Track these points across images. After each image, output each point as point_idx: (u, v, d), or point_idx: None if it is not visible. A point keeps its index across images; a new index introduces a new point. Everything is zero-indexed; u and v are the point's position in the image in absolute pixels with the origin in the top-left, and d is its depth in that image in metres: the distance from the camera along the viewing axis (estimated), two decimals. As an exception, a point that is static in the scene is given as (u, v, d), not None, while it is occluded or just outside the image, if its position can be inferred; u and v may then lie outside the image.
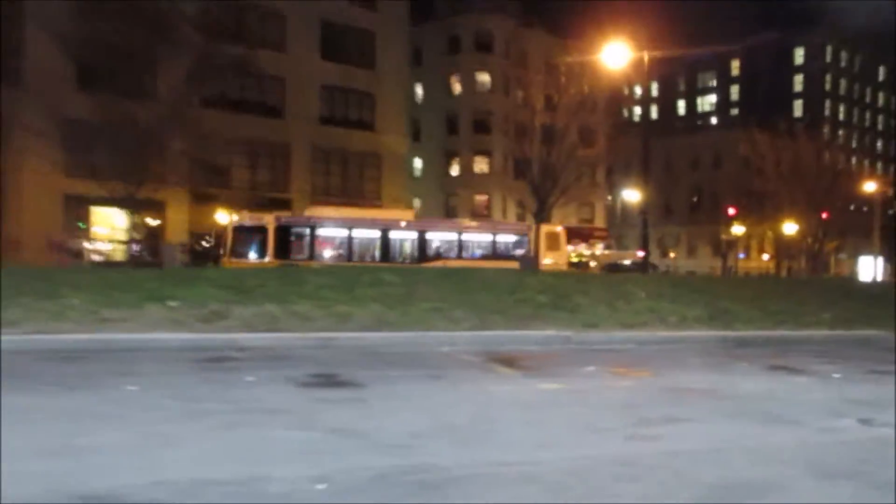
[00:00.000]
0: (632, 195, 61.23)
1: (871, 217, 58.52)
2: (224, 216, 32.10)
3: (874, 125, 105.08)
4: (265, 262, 26.12)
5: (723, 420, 6.44)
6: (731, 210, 57.33)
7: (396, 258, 29.22)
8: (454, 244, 30.45)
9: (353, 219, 28.84)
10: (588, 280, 19.68)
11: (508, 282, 16.04)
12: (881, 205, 58.98)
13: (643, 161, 32.71)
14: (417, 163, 59.45)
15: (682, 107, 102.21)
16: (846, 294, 18.81)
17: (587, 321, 12.68)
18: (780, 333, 13.55)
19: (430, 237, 30.43)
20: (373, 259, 28.57)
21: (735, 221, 59.29)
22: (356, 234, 29.24)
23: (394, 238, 29.85)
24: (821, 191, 53.59)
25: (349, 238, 28.99)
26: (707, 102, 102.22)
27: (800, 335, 13.33)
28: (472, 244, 31.03)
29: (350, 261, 27.75)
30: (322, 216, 29.19)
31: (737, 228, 60.64)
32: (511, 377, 8.57)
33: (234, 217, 28.66)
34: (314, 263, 25.63)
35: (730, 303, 15.27)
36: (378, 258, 28.57)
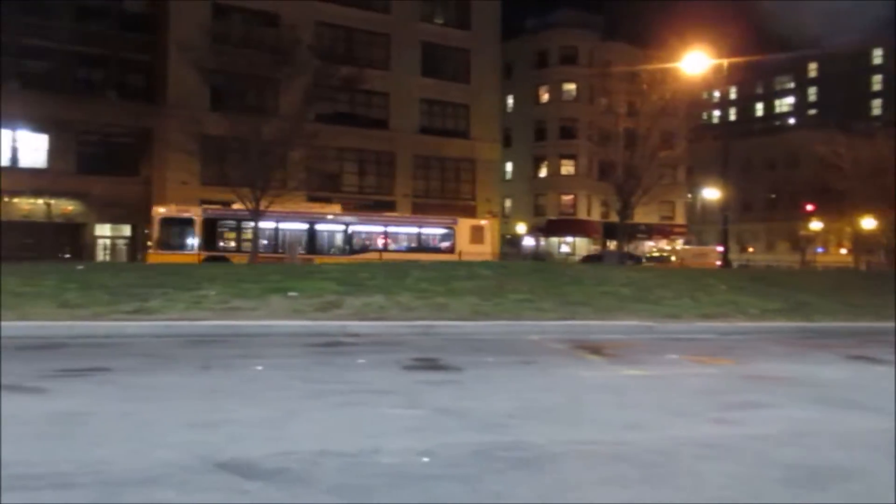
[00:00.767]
0: (711, 193, 59.11)
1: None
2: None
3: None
4: (192, 255, 24.58)
5: (803, 406, 6.14)
6: (809, 206, 54.37)
7: (325, 251, 27.22)
8: (383, 237, 28.74)
9: (281, 212, 25.82)
10: (669, 274, 19.15)
11: (594, 275, 15.80)
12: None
13: (722, 161, 31.49)
14: (508, 166, 59.46)
15: (760, 108, 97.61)
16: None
17: (669, 312, 12.34)
18: (860, 325, 12.78)
19: (359, 229, 28.66)
20: (302, 252, 26.24)
21: (813, 217, 56.23)
22: (284, 227, 27.18)
23: (321, 231, 27.97)
24: (899, 187, 50.06)
25: (276, 230, 26.95)
26: (785, 104, 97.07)
27: (880, 326, 12.48)
28: (401, 237, 29.30)
29: (277, 253, 25.80)
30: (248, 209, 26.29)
31: (815, 224, 57.52)
32: (597, 364, 8.41)
33: (161, 210, 26.41)
34: (242, 256, 24.32)
35: (809, 295, 14.56)
36: (305, 251, 26.49)
